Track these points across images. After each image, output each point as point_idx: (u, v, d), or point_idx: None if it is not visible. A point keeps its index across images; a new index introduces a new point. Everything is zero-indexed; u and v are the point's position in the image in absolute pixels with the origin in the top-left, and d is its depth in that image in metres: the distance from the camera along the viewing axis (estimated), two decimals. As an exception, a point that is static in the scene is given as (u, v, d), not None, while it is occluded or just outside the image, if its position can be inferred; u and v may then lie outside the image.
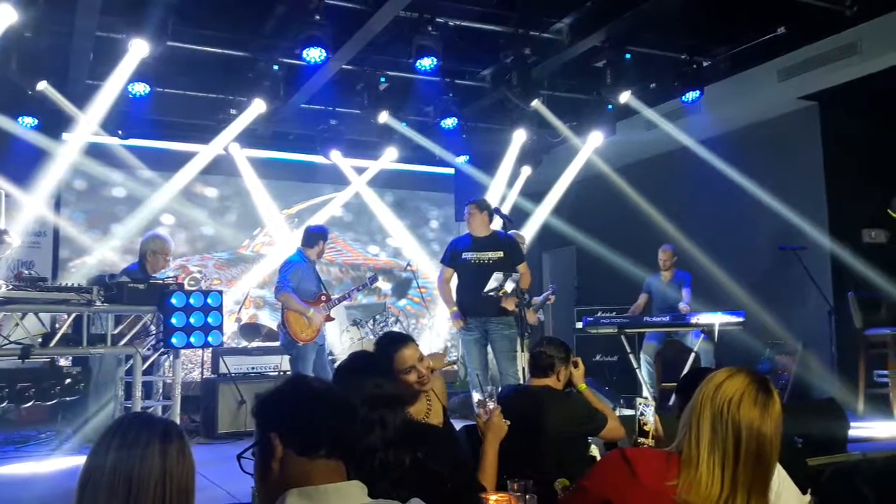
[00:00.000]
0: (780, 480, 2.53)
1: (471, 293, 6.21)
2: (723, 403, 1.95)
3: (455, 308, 6.38)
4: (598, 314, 7.86)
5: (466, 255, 6.36)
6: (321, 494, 1.60)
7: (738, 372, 2.03)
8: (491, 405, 3.04)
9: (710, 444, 1.92)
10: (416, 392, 3.08)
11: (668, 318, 7.34)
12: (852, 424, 5.10)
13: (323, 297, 6.66)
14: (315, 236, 6.79)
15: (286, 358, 7.07)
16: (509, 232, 6.87)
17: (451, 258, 6.49)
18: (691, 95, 8.11)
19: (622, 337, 7.33)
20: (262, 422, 1.71)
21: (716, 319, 7.01)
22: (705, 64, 8.10)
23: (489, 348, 6.35)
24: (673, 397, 3.09)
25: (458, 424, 3.71)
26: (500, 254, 6.30)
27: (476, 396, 3.20)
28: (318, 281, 6.80)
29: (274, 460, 1.64)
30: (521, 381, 5.86)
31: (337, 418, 1.69)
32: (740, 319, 7.06)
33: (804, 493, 2.67)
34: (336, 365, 3.02)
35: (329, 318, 6.70)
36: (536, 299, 7.60)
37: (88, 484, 1.59)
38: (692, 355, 7.25)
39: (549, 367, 3.77)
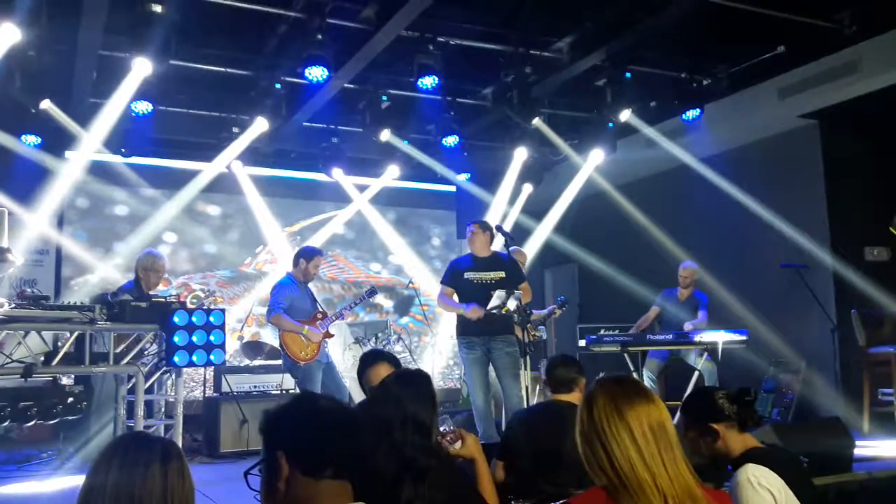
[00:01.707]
0: (788, 501, 2.52)
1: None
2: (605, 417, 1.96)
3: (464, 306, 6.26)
4: (601, 332, 7.82)
5: (468, 275, 6.34)
6: None
7: (598, 388, 2.06)
8: (448, 430, 2.99)
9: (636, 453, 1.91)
10: None
11: (671, 336, 7.30)
12: (857, 443, 5.08)
13: (319, 315, 6.64)
14: (297, 256, 6.78)
15: (288, 376, 7.04)
16: (511, 248, 6.84)
17: (451, 277, 6.46)
18: (692, 114, 8.15)
19: (625, 355, 7.30)
20: (269, 440, 1.70)
21: (719, 338, 6.98)
22: (705, 82, 8.13)
23: (491, 368, 6.31)
24: (678, 415, 3.09)
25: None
26: (502, 273, 6.29)
27: (442, 428, 3.15)
28: (311, 300, 6.77)
29: (280, 480, 1.63)
30: (525, 400, 5.84)
31: (344, 439, 1.67)
32: (743, 338, 7.02)
33: None
34: (408, 370, 2.99)
35: (328, 335, 6.66)
36: (539, 313, 7.55)
37: (90, 499, 1.59)
38: (696, 374, 7.22)
39: (572, 382, 3.84)
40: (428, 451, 2.52)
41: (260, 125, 8.14)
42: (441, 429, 3.00)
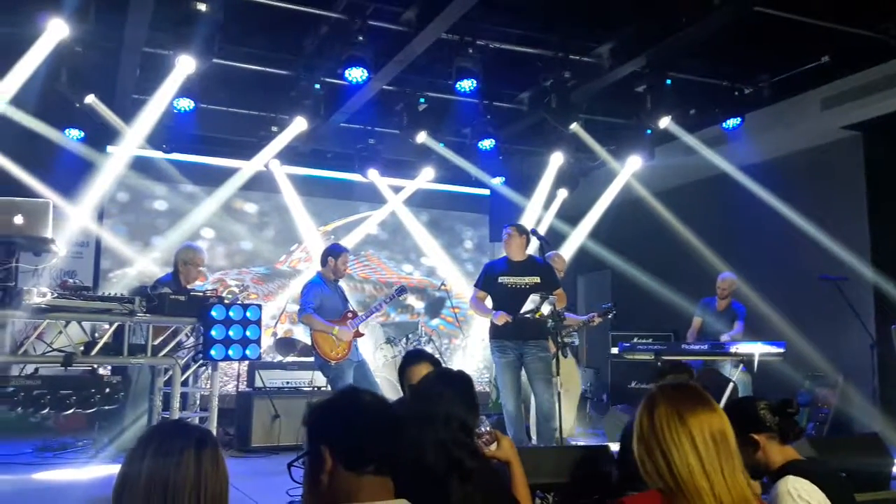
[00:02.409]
0: None
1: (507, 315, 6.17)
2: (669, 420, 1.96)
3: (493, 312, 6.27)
4: (635, 340, 7.77)
5: (502, 280, 6.33)
6: None
7: (660, 394, 2.06)
8: (485, 430, 2.98)
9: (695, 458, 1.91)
10: None
11: (706, 346, 7.22)
12: (895, 460, 4.99)
13: (349, 315, 6.67)
14: (324, 254, 6.81)
15: (319, 373, 7.08)
16: (548, 253, 6.82)
17: (484, 282, 6.45)
18: (732, 122, 8.08)
19: (659, 364, 7.23)
20: (313, 433, 1.71)
21: (755, 350, 6.87)
22: (747, 91, 8.06)
23: (523, 372, 6.29)
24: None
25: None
26: (537, 279, 6.27)
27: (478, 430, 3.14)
28: (342, 299, 6.80)
29: (323, 473, 1.64)
30: (556, 405, 5.82)
31: (386, 435, 1.69)
32: (781, 350, 6.91)
33: None
34: (450, 370, 3.02)
35: (358, 334, 6.68)
36: (577, 318, 7.47)
37: (125, 490, 1.62)
38: (730, 385, 7.13)
39: None
40: (473, 452, 2.54)
41: (298, 125, 8.20)
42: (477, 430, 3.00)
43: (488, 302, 6.46)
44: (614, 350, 7.78)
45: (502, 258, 6.54)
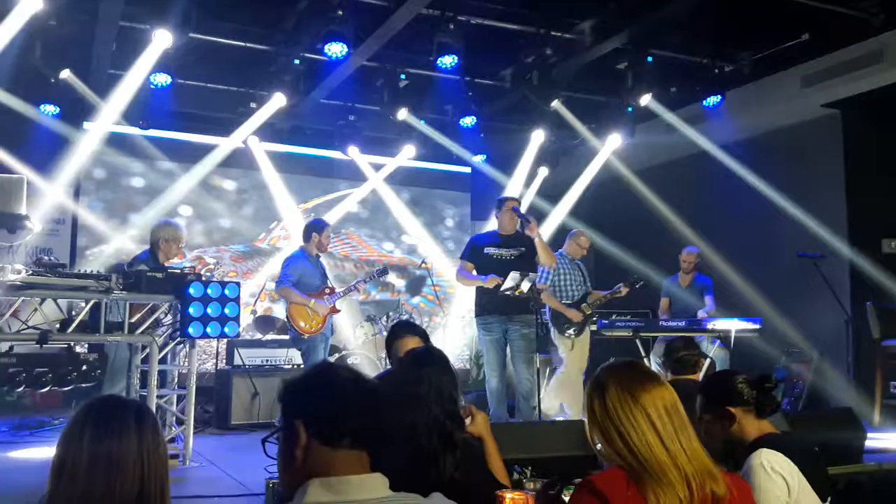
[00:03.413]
0: (800, 488, 2.53)
1: (492, 290, 6.16)
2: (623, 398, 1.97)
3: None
4: (613, 317, 7.81)
5: (489, 251, 6.31)
6: (343, 485, 1.59)
7: (607, 375, 2.06)
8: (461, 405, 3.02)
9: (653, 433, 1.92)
10: None
11: (684, 323, 7.28)
12: (868, 435, 5.07)
13: (327, 290, 6.70)
14: (308, 229, 6.82)
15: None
16: (572, 231, 7.11)
17: (471, 253, 6.43)
18: (713, 100, 8.09)
19: (637, 340, 7.28)
20: (287, 408, 1.69)
21: (732, 326, 6.95)
22: (728, 69, 8.06)
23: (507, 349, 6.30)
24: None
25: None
26: (522, 249, 6.28)
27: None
28: (321, 275, 6.82)
29: (298, 448, 1.62)
30: (535, 385, 5.85)
31: (362, 409, 1.67)
32: (757, 326, 6.99)
33: (823, 500, 2.64)
34: (429, 347, 3.05)
35: (335, 310, 6.73)
36: (602, 293, 7.27)
37: (64, 470, 1.61)
38: (707, 361, 7.19)
39: (696, 364, 4.08)
40: (461, 423, 2.59)
41: (277, 101, 8.12)
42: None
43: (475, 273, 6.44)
44: (594, 327, 7.78)
45: (491, 231, 6.53)
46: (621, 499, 1.87)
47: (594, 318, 7.27)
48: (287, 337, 7.76)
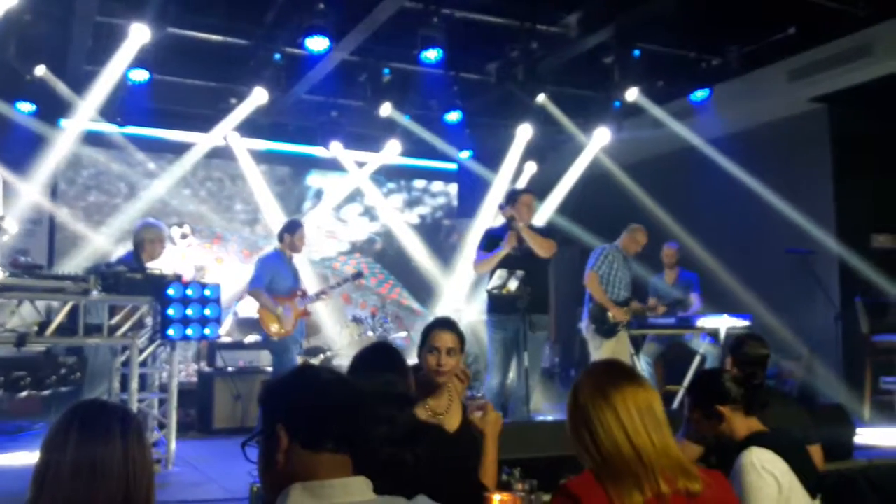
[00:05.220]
0: (790, 486, 2.54)
1: (506, 293, 5.91)
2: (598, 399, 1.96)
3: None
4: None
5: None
6: (326, 489, 1.56)
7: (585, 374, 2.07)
8: (479, 395, 3.04)
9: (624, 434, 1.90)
10: (434, 383, 3.10)
11: (674, 320, 7.23)
12: (858, 431, 5.06)
13: (298, 293, 6.63)
14: (282, 230, 6.72)
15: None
16: (632, 225, 7.05)
17: (487, 245, 6.13)
18: (700, 94, 8.07)
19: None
20: (268, 412, 1.66)
21: (722, 323, 6.90)
22: (715, 63, 8.01)
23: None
24: (680, 397, 3.04)
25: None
26: None
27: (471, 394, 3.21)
28: (294, 277, 6.71)
29: (279, 452, 1.59)
30: (526, 384, 5.74)
31: (344, 412, 1.64)
32: (747, 323, 6.95)
33: (813, 497, 2.67)
34: (357, 352, 3.05)
35: (304, 314, 6.66)
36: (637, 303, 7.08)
37: (47, 477, 1.56)
38: (698, 357, 7.16)
39: (766, 357, 3.93)
40: (412, 416, 2.57)
41: (258, 96, 8.02)
42: (469, 394, 3.08)
43: None
44: (582, 325, 7.72)
45: (504, 224, 6.26)
46: (594, 499, 1.85)
47: (626, 326, 6.84)
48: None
